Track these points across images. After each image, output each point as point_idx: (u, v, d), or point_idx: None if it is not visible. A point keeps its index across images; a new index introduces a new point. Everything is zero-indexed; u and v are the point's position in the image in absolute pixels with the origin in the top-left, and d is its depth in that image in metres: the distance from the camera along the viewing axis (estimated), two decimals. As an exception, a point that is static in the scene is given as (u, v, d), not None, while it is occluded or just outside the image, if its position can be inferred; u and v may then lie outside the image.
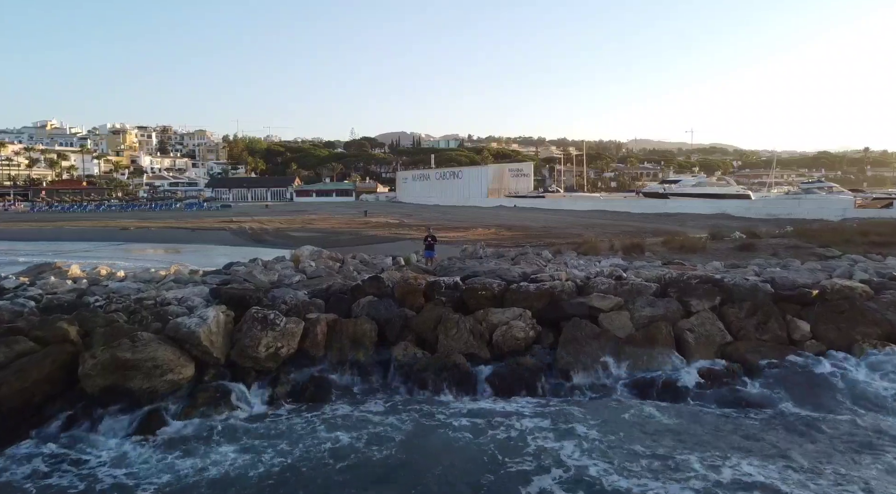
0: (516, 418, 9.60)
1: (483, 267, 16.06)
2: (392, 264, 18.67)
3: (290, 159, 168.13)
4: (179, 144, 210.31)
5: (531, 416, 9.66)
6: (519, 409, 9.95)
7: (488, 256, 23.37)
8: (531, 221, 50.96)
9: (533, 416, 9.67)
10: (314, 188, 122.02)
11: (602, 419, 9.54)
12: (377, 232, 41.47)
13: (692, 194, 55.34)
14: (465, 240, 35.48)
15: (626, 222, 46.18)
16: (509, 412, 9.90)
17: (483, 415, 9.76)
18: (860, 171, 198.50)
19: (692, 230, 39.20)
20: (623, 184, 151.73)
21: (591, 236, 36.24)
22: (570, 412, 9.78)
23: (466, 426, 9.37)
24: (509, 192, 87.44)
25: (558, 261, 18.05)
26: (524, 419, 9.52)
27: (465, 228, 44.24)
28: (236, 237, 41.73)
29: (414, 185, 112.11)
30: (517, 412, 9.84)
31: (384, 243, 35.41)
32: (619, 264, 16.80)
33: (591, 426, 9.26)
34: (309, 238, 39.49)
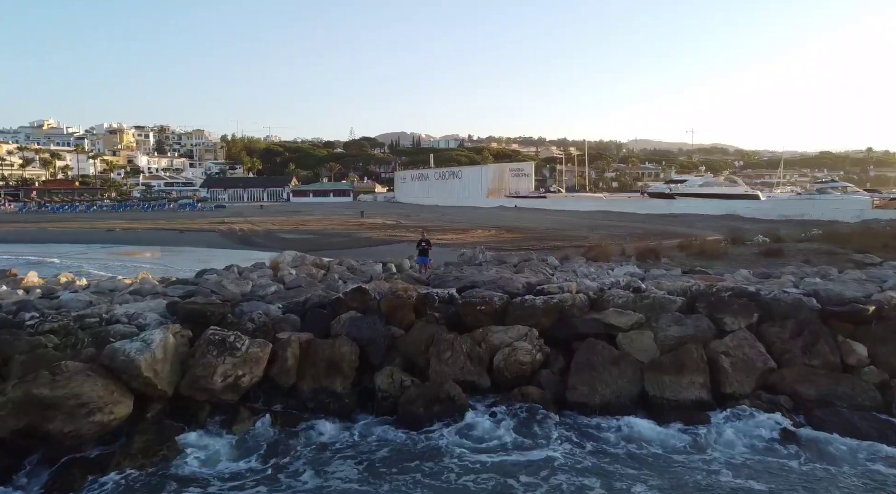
0: (529, 474, 7.76)
1: (482, 276, 14.28)
2: (382, 272, 16.90)
3: (288, 159, 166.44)
4: (177, 144, 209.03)
5: (547, 475, 7.79)
6: (530, 459, 8.12)
7: (488, 261, 21.61)
8: (533, 222, 49.19)
9: (550, 475, 7.80)
10: (311, 188, 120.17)
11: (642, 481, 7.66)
12: (372, 234, 39.72)
13: (699, 194, 53.58)
14: (464, 243, 33.73)
15: (633, 224, 44.40)
16: (517, 464, 8.05)
17: (484, 470, 7.94)
18: (863, 171, 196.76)
19: (702, 232, 37.45)
20: (624, 184, 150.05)
21: (598, 239, 34.56)
22: (598, 469, 7.93)
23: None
24: (510, 192, 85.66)
25: (566, 268, 16.28)
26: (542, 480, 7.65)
27: (464, 229, 42.49)
28: (225, 239, 39.99)
29: (412, 185, 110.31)
30: (529, 466, 7.98)
31: (379, 247, 33.66)
32: (635, 272, 15.02)
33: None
34: (300, 240, 37.77)
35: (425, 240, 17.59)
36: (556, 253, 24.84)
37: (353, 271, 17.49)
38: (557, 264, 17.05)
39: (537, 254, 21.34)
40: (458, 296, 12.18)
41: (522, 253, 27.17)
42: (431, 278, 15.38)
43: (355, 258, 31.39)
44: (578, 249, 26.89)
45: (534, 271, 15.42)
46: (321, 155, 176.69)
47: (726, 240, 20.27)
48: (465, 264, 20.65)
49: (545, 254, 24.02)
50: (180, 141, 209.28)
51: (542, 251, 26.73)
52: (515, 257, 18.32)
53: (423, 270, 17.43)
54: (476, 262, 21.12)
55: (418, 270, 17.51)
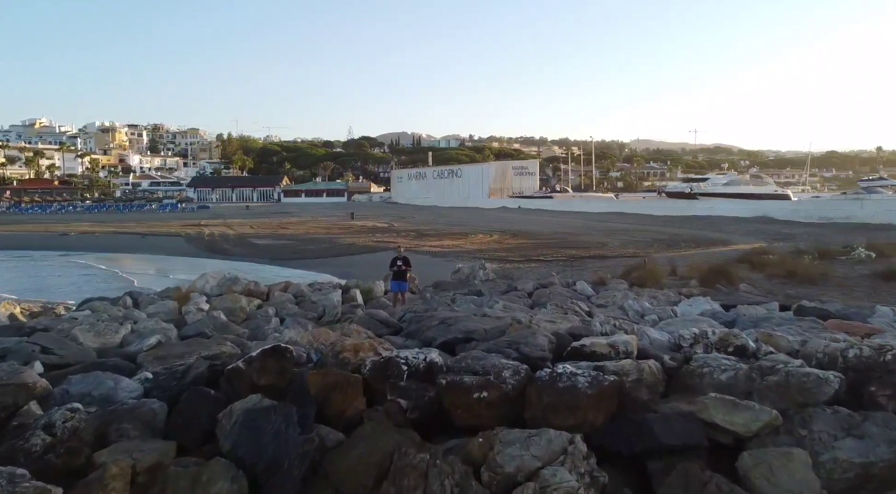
0: None
1: (482, 321, 9.21)
2: (337, 304, 11.80)
3: (285, 159, 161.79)
4: (171, 142, 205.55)
5: None
6: None
7: (490, 280, 16.52)
8: (540, 225, 44.08)
9: None
10: (303, 188, 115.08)
11: None
12: (357, 239, 34.67)
13: (724, 193, 48.40)
14: (462, 250, 28.68)
15: (654, 228, 39.28)
16: None
17: None
18: (872, 170, 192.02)
19: (738, 238, 32.34)
20: (630, 184, 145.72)
21: (619, 246, 29.49)
22: None
23: None
24: (513, 192, 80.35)
25: (606, 300, 11.21)
26: None
27: (463, 233, 37.41)
28: (190, 246, 35.03)
29: (409, 184, 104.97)
30: None
31: (362, 255, 28.64)
32: (716, 311, 9.94)
33: None
34: (273, 247, 32.81)
35: (401, 258, 12.47)
36: (577, 268, 19.77)
37: (300, 302, 12.42)
38: (591, 293, 11.96)
39: (558, 273, 16.27)
40: (442, 364, 7.05)
41: (533, 265, 22.16)
42: (406, 318, 10.32)
43: (333, 269, 26.42)
44: (602, 260, 21.77)
45: (559, 306, 10.30)
46: (318, 154, 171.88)
47: (811, 254, 15.18)
48: (459, 288, 15.63)
49: (566, 268, 18.92)
50: (174, 140, 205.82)
51: (557, 264, 21.68)
52: (530, 281, 13.17)
53: (398, 300, 12.39)
54: (475, 282, 16.07)
55: (392, 299, 12.45)
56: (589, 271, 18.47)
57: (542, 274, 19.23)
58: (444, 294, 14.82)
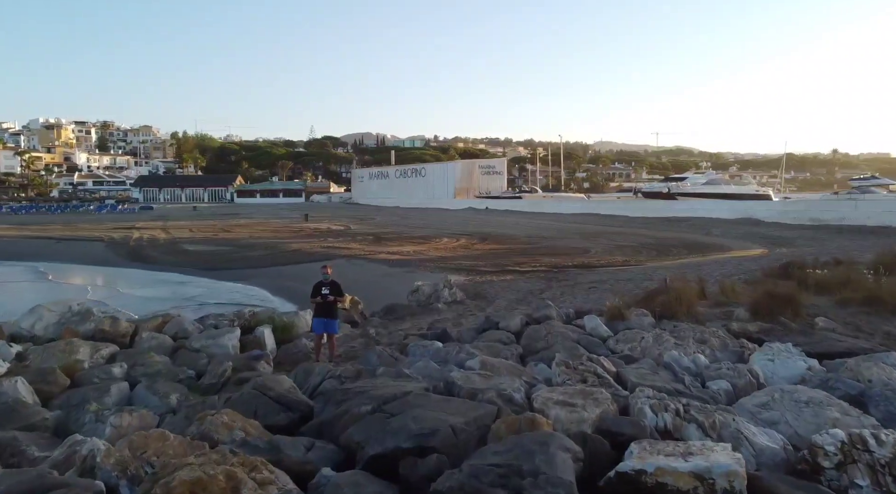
0: None
1: (445, 402, 5.24)
2: (231, 354, 7.69)
3: (243, 158, 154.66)
4: (122, 140, 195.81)
5: None
6: None
7: (458, 302, 12.64)
8: (510, 227, 40.37)
9: None
10: (258, 188, 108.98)
11: None
12: (305, 245, 30.32)
13: (705, 193, 45.59)
14: (425, 258, 24.69)
15: (634, 230, 35.95)
16: None
17: None
18: (829, 172, 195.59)
19: (730, 242, 29.15)
20: (596, 184, 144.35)
21: (603, 251, 25.94)
22: None
23: None
24: (480, 192, 76.39)
25: (632, 345, 7.41)
26: None
27: (427, 237, 33.41)
28: (109, 252, 30.17)
29: (371, 184, 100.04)
30: None
31: (307, 264, 24.35)
32: (816, 370, 6.21)
33: None
34: (208, 254, 28.25)
35: (328, 284, 8.34)
36: (565, 283, 15.97)
37: (176, 350, 8.24)
38: (608, 334, 8.11)
39: (544, 291, 12.48)
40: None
41: (509, 278, 18.32)
42: (323, 394, 6.30)
43: (269, 281, 22.11)
44: (590, 270, 17.97)
45: (569, 366, 6.37)
46: (278, 154, 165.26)
47: (867, 268, 11.71)
48: (417, 313, 11.69)
49: (551, 281, 15.03)
50: (126, 138, 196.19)
51: (537, 276, 17.87)
52: (515, 314, 9.16)
53: (323, 347, 8.34)
54: (437, 305, 12.14)
55: (314, 345, 8.39)
56: (582, 289, 14.67)
57: (521, 290, 15.40)
58: (396, 328, 10.81)
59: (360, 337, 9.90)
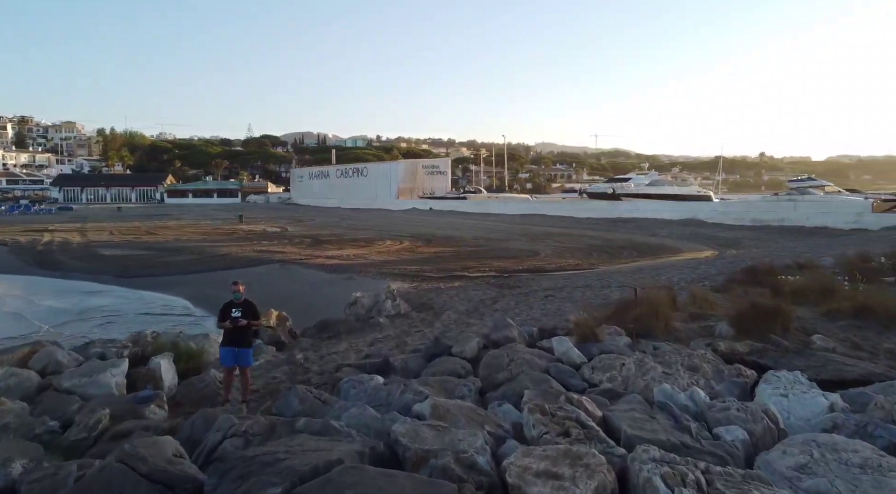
0: None
1: (385, 478, 3.72)
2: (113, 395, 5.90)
3: (176, 157, 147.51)
4: (42, 137, 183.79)
5: None
6: None
7: (401, 315, 11.19)
8: (456, 229, 39.10)
9: None
10: (190, 188, 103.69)
11: None
12: (236, 248, 28.06)
13: (649, 194, 45.70)
14: (366, 262, 23.02)
15: (581, 232, 35.33)
16: None
17: None
18: (757, 174, 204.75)
19: (679, 243, 28.80)
20: (538, 185, 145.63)
21: (552, 254, 24.95)
22: None
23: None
24: (424, 192, 74.88)
25: (611, 374, 6.12)
26: None
27: (369, 240, 31.68)
28: (13, 257, 27.02)
29: (311, 184, 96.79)
30: None
31: (237, 270, 22.26)
32: (840, 411, 5.03)
33: None
34: (126, 259, 25.62)
35: (240, 304, 6.66)
36: (517, 290, 14.68)
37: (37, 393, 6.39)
38: (581, 360, 6.76)
39: (497, 301, 11.19)
40: None
41: (457, 285, 16.91)
42: (223, 460, 4.64)
43: (192, 290, 19.96)
44: (542, 275, 16.75)
45: (539, 408, 4.98)
46: (213, 152, 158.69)
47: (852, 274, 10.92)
48: (355, 330, 10.16)
49: (502, 290, 13.63)
50: (46, 134, 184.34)
51: (487, 282, 16.53)
52: (469, 337, 7.67)
53: (232, 381, 6.67)
54: (378, 320, 10.64)
55: (224, 382, 6.69)
56: (538, 298, 13.42)
57: (471, 299, 14.03)
58: (330, 351, 9.20)
59: (285, 364, 8.25)
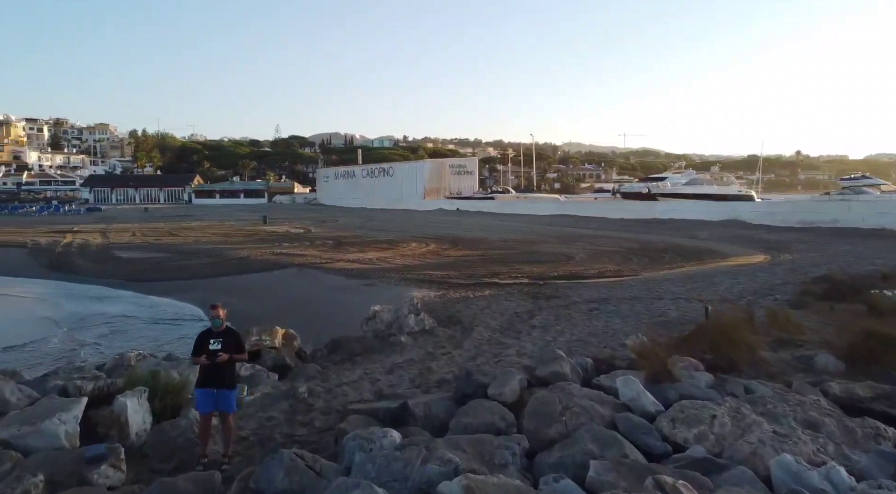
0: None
1: None
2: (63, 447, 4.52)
3: (205, 157, 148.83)
4: (77, 139, 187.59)
5: None
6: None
7: (426, 332, 9.84)
8: (483, 230, 37.55)
9: None
10: (218, 189, 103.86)
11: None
12: (255, 251, 26.95)
13: (686, 194, 43.49)
14: (389, 266, 21.61)
15: (615, 233, 33.47)
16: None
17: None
18: (793, 173, 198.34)
19: (717, 245, 26.80)
20: (567, 185, 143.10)
21: (586, 258, 23.25)
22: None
23: None
24: (451, 192, 73.35)
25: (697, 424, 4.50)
26: None
27: (392, 242, 30.34)
28: (30, 259, 26.36)
29: (336, 184, 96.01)
30: None
31: (253, 274, 21.12)
32: None
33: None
34: (141, 262, 24.68)
35: (221, 333, 5.31)
36: (553, 302, 13.08)
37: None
38: (657, 408, 5.18)
39: (533, 317, 9.77)
40: None
41: (487, 294, 15.35)
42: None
43: (205, 295, 18.76)
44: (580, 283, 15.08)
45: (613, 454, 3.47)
46: (241, 153, 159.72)
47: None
48: (372, 349, 8.80)
49: (536, 300, 12.02)
50: (81, 136, 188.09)
51: (520, 291, 14.93)
52: (513, 377, 6.10)
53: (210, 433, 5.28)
54: (399, 339, 9.28)
55: (200, 433, 5.31)
56: (580, 313, 11.83)
57: (504, 312, 12.49)
58: (340, 380, 7.79)
59: (284, 399, 6.85)
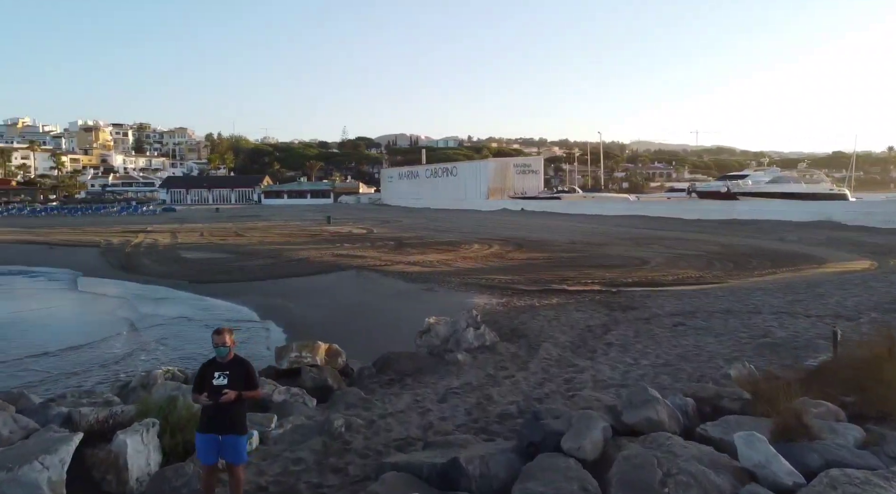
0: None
1: None
2: None
3: (276, 159, 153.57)
4: (158, 142, 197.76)
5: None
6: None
7: (485, 348, 8.68)
8: (549, 231, 35.96)
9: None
10: (286, 189, 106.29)
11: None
12: (315, 252, 26.54)
13: (771, 192, 40.30)
14: (449, 270, 20.54)
15: (692, 235, 31.16)
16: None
17: None
18: (884, 170, 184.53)
19: (809, 249, 24.23)
20: (636, 184, 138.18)
21: (663, 263, 21.40)
22: None
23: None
24: (515, 192, 71.75)
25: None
26: None
27: (454, 243, 29.30)
28: (101, 259, 26.98)
29: (400, 184, 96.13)
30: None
31: (311, 276, 20.58)
32: None
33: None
34: (203, 262, 24.72)
35: (223, 366, 4.34)
36: (630, 314, 11.59)
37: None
38: (797, 479, 3.80)
39: (608, 331, 8.43)
40: None
41: (554, 302, 13.96)
42: None
43: (261, 299, 18.33)
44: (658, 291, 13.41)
45: None
46: (309, 154, 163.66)
47: None
48: (424, 369, 7.69)
49: (609, 311, 10.46)
50: (161, 140, 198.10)
51: (591, 298, 13.46)
52: (595, 425, 4.84)
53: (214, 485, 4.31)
54: (455, 357, 8.17)
55: (202, 483, 4.35)
56: (664, 328, 10.32)
57: (575, 325, 11.15)
58: (385, 409, 6.73)
59: (318, 434, 5.85)
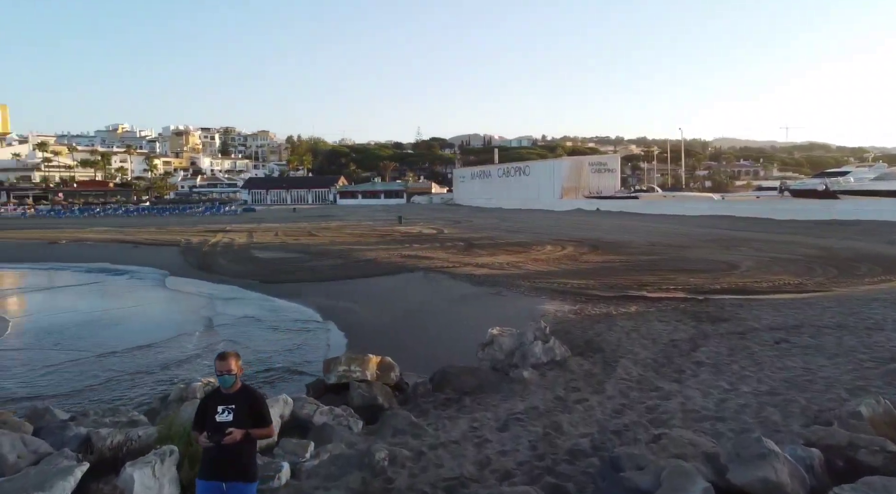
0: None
1: None
2: None
3: (352, 160, 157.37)
4: (242, 145, 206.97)
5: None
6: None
7: (555, 364, 7.77)
8: (626, 232, 34.18)
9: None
10: (360, 189, 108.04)
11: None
12: (383, 253, 26.22)
13: (878, 191, 36.63)
14: (520, 273, 19.57)
15: (785, 237, 28.62)
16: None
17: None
18: None
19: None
20: (719, 183, 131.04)
21: (756, 268, 19.49)
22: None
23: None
24: (590, 191, 69.43)
25: None
26: None
27: (525, 245, 28.25)
28: (181, 258, 27.88)
29: (472, 184, 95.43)
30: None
31: (377, 278, 20.20)
32: None
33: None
34: (274, 262, 24.97)
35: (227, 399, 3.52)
36: (721, 328, 10.25)
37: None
38: None
39: (699, 344, 7.23)
40: None
41: (633, 310, 12.72)
42: None
43: (325, 301, 18.06)
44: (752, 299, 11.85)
45: None
46: (384, 155, 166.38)
47: None
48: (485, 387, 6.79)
49: (698, 322, 9.10)
50: (245, 142, 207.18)
51: (676, 306, 12.11)
52: (690, 485, 3.88)
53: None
54: (521, 374, 7.24)
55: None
56: (764, 346, 9.00)
57: (657, 338, 9.99)
58: (438, 438, 5.95)
59: (357, 468, 5.14)
